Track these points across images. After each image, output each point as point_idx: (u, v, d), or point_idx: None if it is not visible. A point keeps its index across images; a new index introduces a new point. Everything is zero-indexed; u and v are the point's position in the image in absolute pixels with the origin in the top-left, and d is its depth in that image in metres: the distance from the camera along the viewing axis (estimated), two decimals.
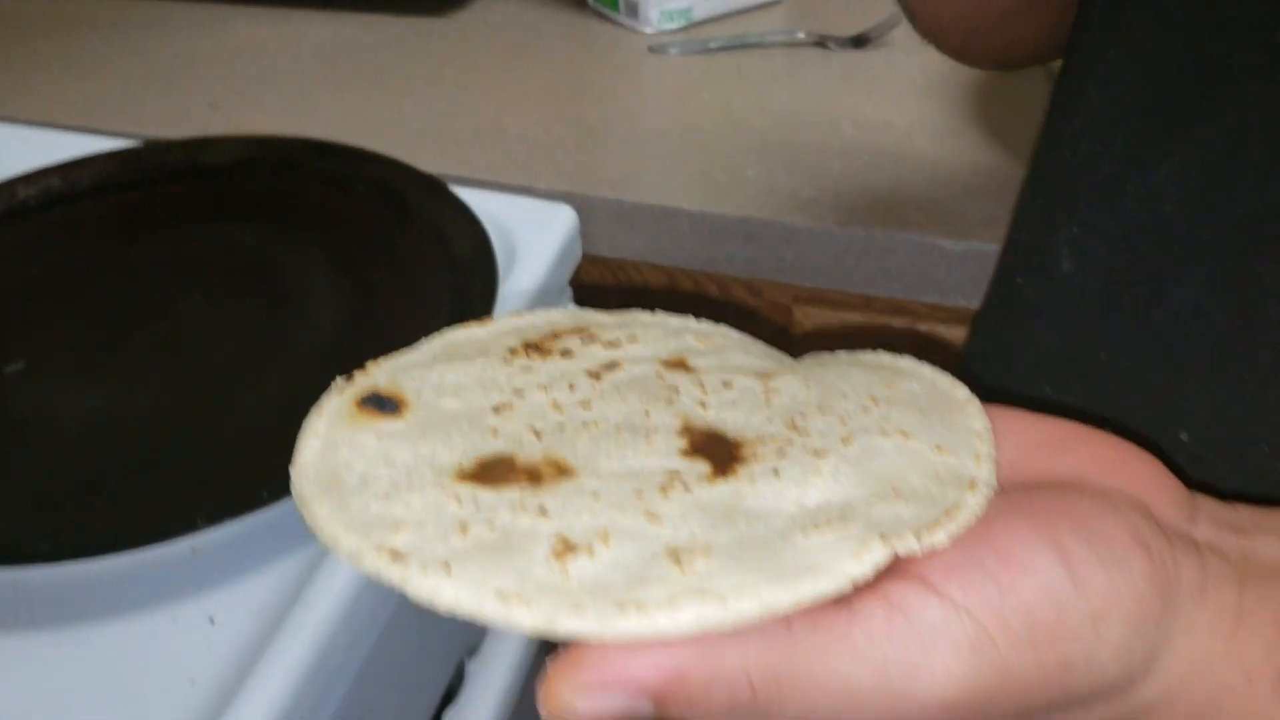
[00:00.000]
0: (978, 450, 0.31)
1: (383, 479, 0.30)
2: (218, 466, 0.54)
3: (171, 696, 0.47)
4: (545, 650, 0.64)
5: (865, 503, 0.29)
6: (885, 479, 0.30)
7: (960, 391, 0.34)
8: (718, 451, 0.31)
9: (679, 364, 0.35)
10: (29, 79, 0.98)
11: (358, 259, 0.67)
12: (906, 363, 0.36)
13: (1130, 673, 0.29)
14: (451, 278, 0.64)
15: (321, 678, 0.48)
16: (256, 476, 0.51)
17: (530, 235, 0.72)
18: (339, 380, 0.34)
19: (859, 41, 0.96)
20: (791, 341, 0.81)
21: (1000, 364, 0.50)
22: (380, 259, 0.67)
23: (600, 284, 0.83)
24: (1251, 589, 0.30)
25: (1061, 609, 0.28)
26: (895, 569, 0.28)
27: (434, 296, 0.63)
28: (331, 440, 0.32)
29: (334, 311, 0.64)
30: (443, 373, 0.34)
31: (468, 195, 0.70)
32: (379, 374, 0.34)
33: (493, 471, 0.31)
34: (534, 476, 0.30)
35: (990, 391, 0.41)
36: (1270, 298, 0.38)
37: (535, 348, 0.36)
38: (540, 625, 0.26)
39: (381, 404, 0.33)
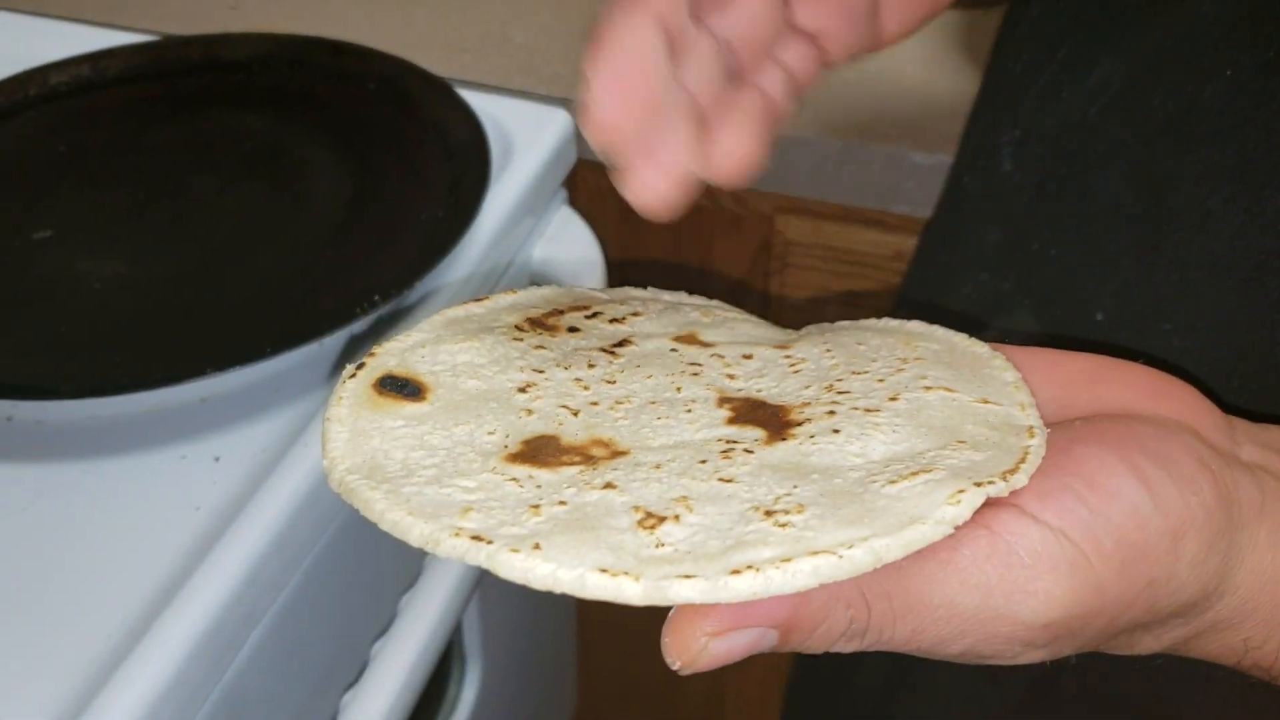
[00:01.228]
0: (1019, 399, 0.32)
1: (427, 464, 0.29)
2: (226, 323, 0.59)
3: (179, 520, 0.52)
4: None
5: (934, 452, 0.29)
6: (944, 430, 0.30)
7: (980, 348, 0.34)
8: (765, 417, 0.31)
9: (691, 338, 0.35)
10: None
11: (362, 149, 0.72)
12: (916, 325, 0.36)
13: (1206, 589, 0.30)
14: (448, 167, 0.68)
15: (316, 510, 0.54)
16: (260, 333, 0.56)
17: (526, 136, 0.76)
18: (348, 367, 0.33)
19: None
20: (772, 254, 0.85)
21: (945, 254, 0.54)
22: (383, 149, 0.72)
23: (597, 189, 0.87)
24: None
25: (1146, 529, 0.29)
26: (987, 502, 0.28)
27: (431, 184, 0.68)
28: (358, 428, 0.31)
29: (337, 193, 0.68)
30: (453, 352, 0.34)
31: (470, 97, 0.75)
32: (387, 357, 0.33)
33: (541, 452, 0.30)
34: (587, 457, 0.30)
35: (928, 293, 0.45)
36: (1179, 191, 0.42)
37: (540, 324, 0.35)
38: (651, 596, 0.25)
39: (402, 387, 0.32)
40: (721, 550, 0.26)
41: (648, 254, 0.89)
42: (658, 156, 0.31)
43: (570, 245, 0.77)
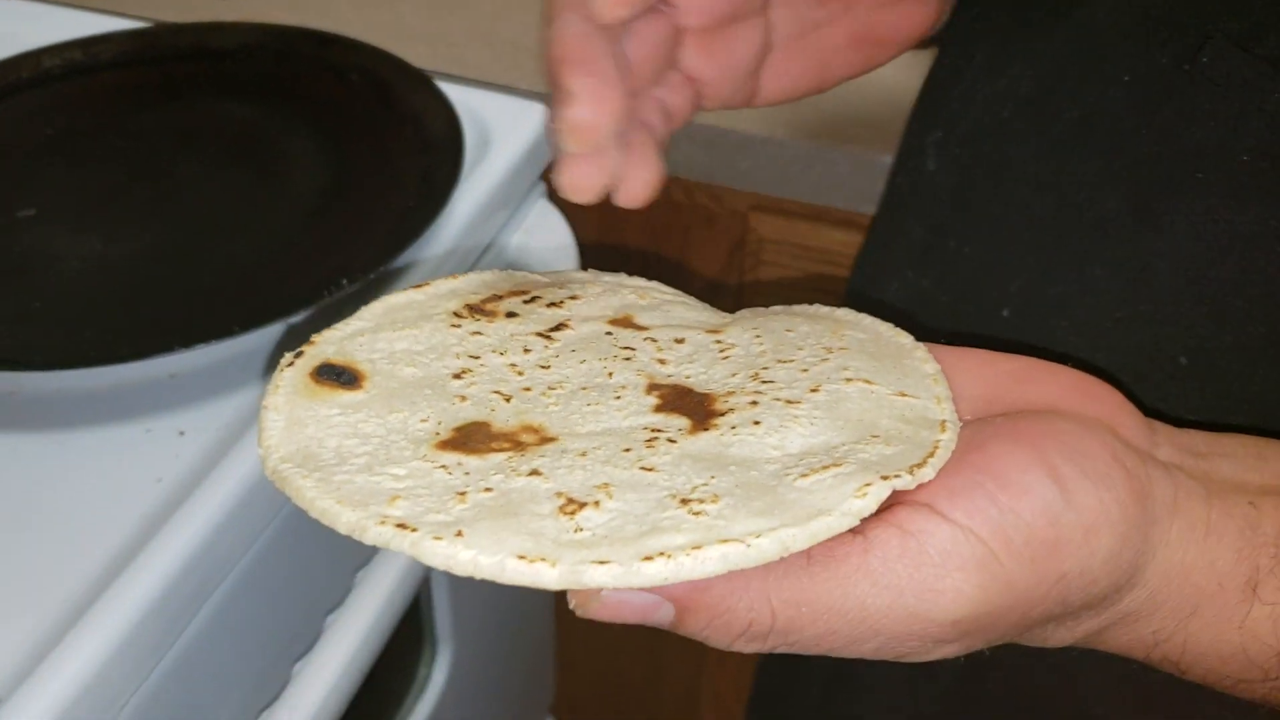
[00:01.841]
0: (936, 393, 0.33)
1: (359, 452, 0.30)
2: (197, 302, 0.61)
3: (141, 491, 0.54)
4: None
5: (848, 446, 0.30)
6: (859, 424, 0.31)
7: (904, 338, 0.35)
8: (690, 405, 0.32)
9: (626, 321, 0.36)
10: None
11: (342, 138, 0.73)
12: (845, 313, 0.37)
13: (1118, 582, 0.32)
14: (422, 158, 0.70)
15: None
16: (229, 312, 0.58)
17: (505, 129, 0.77)
18: (286, 355, 0.33)
19: None
20: (745, 251, 0.86)
21: (879, 251, 0.55)
22: (362, 139, 0.73)
23: None
24: (1216, 504, 0.33)
25: (1057, 525, 0.30)
26: (895, 499, 0.29)
27: (405, 174, 0.69)
28: (294, 417, 0.31)
29: (315, 181, 0.70)
30: (391, 340, 0.34)
31: (452, 90, 0.76)
32: (325, 345, 0.34)
33: (472, 438, 0.31)
34: (516, 443, 0.31)
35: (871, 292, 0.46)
36: (1079, 193, 0.43)
37: (479, 310, 0.36)
38: (566, 580, 0.26)
39: (339, 375, 0.33)
40: (637, 535, 0.27)
41: (624, 250, 0.91)
42: (601, 156, 0.33)
43: (546, 236, 0.79)
